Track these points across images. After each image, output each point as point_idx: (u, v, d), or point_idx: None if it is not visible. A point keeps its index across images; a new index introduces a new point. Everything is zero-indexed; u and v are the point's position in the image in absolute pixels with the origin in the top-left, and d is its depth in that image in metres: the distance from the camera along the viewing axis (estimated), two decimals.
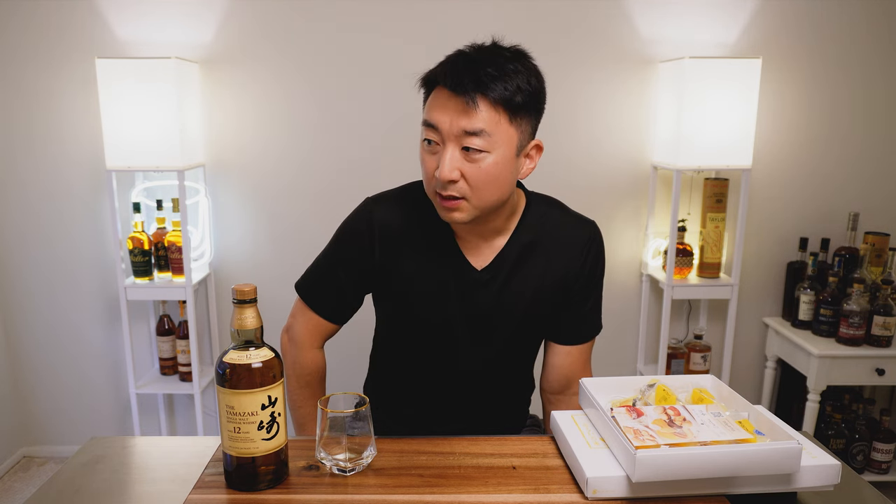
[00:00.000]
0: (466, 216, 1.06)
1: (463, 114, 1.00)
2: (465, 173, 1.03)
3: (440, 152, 1.03)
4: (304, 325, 1.26)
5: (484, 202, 1.05)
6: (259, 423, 0.88)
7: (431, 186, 1.06)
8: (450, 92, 1.01)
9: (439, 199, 1.06)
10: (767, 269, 2.44)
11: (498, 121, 1.01)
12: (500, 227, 1.15)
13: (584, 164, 2.35)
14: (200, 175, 2.32)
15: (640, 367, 2.48)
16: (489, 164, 1.02)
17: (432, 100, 1.04)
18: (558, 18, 2.24)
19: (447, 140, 1.02)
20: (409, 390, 1.28)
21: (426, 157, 1.06)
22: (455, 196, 1.04)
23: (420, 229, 1.16)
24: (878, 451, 2.25)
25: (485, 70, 1.00)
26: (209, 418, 2.42)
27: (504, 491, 0.90)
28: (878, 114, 2.34)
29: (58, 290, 2.41)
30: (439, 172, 1.02)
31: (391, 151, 2.32)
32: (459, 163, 1.02)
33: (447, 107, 1.01)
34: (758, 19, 2.25)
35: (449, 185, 1.03)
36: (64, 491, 0.92)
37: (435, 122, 1.02)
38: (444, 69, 1.03)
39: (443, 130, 1.02)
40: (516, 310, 1.18)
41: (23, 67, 2.24)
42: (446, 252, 1.16)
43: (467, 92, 0.99)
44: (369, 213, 1.18)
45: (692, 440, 0.87)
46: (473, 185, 1.03)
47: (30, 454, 2.56)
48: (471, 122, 1.00)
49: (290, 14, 2.22)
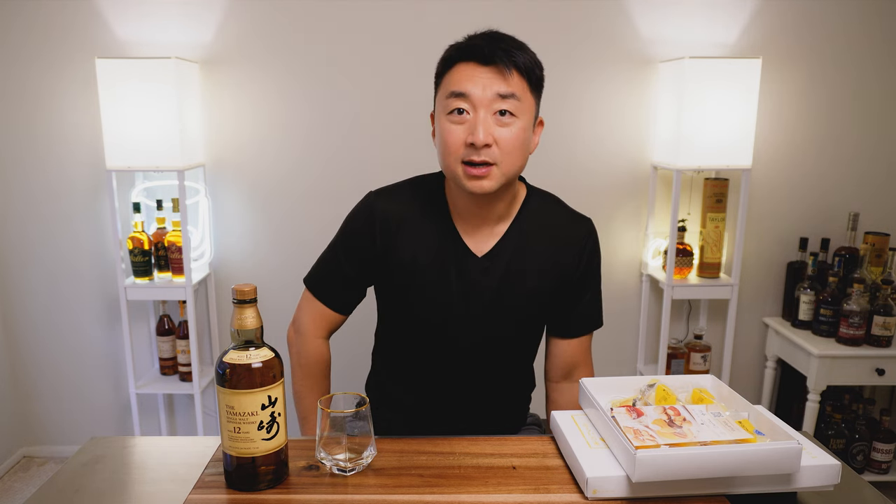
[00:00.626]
0: (495, 184, 1.09)
1: (497, 80, 1.06)
2: (497, 139, 1.07)
3: (470, 121, 1.07)
4: (309, 316, 1.29)
5: (510, 169, 1.10)
6: (259, 423, 0.88)
7: (458, 157, 1.09)
8: (477, 64, 1.07)
9: (469, 169, 1.08)
10: (767, 269, 2.44)
11: (524, 87, 1.09)
12: (502, 212, 1.19)
13: (585, 163, 2.35)
14: (200, 175, 2.32)
15: (640, 367, 2.48)
16: (519, 129, 1.09)
17: (456, 74, 1.09)
18: (558, 18, 2.24)
19: (479, 106, 1.07)
20: (410, 381, 1.29)
21: (452, 129, 1.09)
22: (487, 162, 1.07)
23: (421, 218, 1.20)
24: (878, 451, 2.25)
25: (508, 44, 1.09)
26: (209, 418, 2.42)
27: (504, 491, 0.90)
28: (877, 114, 2.34)
29: (58, 289, 2.41)
30: (474, 137, 1.05)
31: (391, 151, 2.32)
32: (492, 127, 1.07)
33: (478, 76, 1.07)
34: (758, 19, 2.25)
35: (483, 151, 1.07)
36: (64, 491, 0.92)
37: (466, 89, 1.07)
38: (470, 45, 1.09)
39: (475, 97, 1.06)
40: (516, 295, 1.20)
41: (23, 67, 2.24)
42: (447, 239, 1.19)
43: (503, 59, 1.06)
44: (371, 205, 1.22)
45: (692, 440, 0.87)
46: (504, 149, 1.08)
47: (30, 454, 2.56)
48: (506, 86, 1.06)
49: (290, 14, 2.22)
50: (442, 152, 1.12)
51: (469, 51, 1.08)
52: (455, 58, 1.10)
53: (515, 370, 1.31)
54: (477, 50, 1.07)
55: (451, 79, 1.09)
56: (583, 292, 1.26)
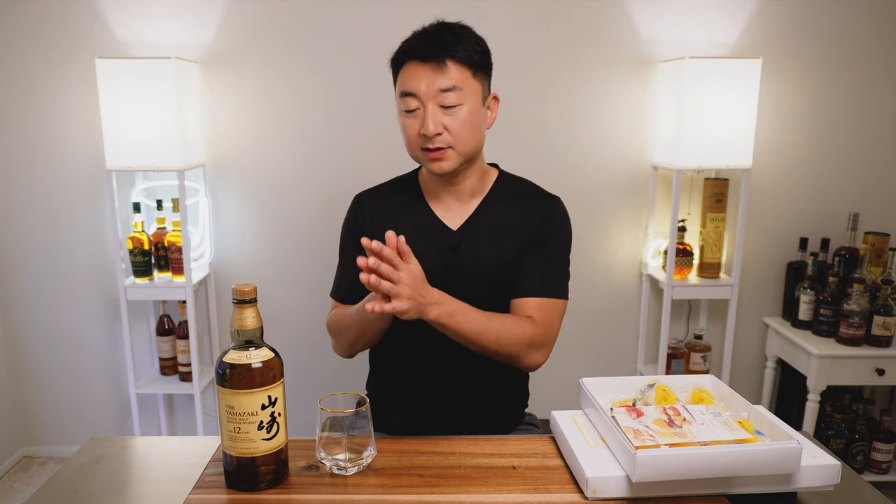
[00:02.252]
0: (453, 163, 1.21)
1: (436, 75, 1.17)
2: (446, 126, 1.18)
3: (420, 114, 1.19)
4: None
5: (465, 149, 1.21)
6: (259, 423, 0.88)
7: (417, 145, 1.21)
8: (419, 62, 1.18)
9: (427, 154, 1.20)
10: (767, 269, 2.44)
11: (465, 76, 1.19)
12: (472, 189, 1.29)
13: (584, 163, 2.35)
14: (200, 175, 2.32)
15: (640, 367, 2.48)
16: (465, 114, 1.19)
17: (404, 74, 1.21)
18: (558, 18, 2.24)
19: (426, 101, 1.18)
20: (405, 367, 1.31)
21: (408, 124, 1.21)
22: (441, 147, 1.19)
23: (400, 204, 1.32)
24: (878, 451, 2.25)
25: (444, 38, 1.19)
26: (209, 418, 2.42)
27: (504, 491, 0.90)
28: (878, 113, 2.33)
29: (58, 289, 2.41)
30: (425, 129, 1.17)
31: (391, 150, 2.31)
32: (440, 118, 1.18)
33: (420, 74, 1.18)
34: (758, 19, 2.25)
35: (436, 139, 1.18)
36: (64, 491, 0.92)
37: (412, 89, 1.18)
38: (411, 45, 1.20)
39: (420, 93, 1.18)
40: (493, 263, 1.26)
41: (23, 67, 2.24)
42: (424, 216, 1.30)
43: (437, 56, 1.17)
44: (357, 199, 1.37)
45: (692, 440, 0.87)
46: (455, 133, 1.19)
47: (30, 454, 2.56)
48: (445, 80, 1.17)
49: (291, 14, 2.22)
50: (406, 144, 1.25)
51: (411, 50, 1.20)
52: (403, 57, 1.22)
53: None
54: (416, 49, 1.19)
55: (402, 78, 1.21)
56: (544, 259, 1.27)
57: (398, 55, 1.23)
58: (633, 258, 2.43)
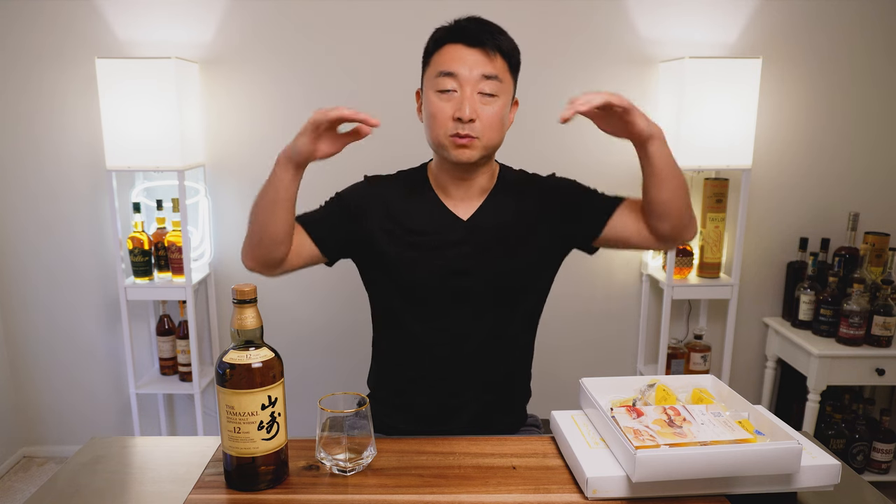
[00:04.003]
0: (477, 154, 1.19)
1: (483, 61, 1.17)
2: (480, 114, 1.17)
3: (457, 98, 1.17)
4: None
5: (490, 142, 1.20)
6: (259, 423, 0.88)
7: (445, 130, 1.18)
8: (465, 45, 1.17)
9: (455, 139, 1.17)
10: (767, 269, 2.44)
11: (505, 70, 1.20)
12: (483, 185, 1.28)
13: (585, 163, 2.34)
14: (200, 175, 2.32)
15: (640, 367, 2.48)
16: (499, 107, 1.19)
17: (445, 54, 1.18)
18: (558, 19, 2.24)
19: (465, 85, 1.16)
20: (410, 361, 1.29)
21: (441, 105, 1.18)
22: (471, 135, 1.17)
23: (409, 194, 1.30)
24: (878, 451, 2.25)
25: (492, 29, 1.20)
26: (209, 418, 2.42)
27: (504, 491, 0.90)
28: (878, 114, 2.33)
29: (58, 290, 2.41)
30: (461, 112, 1.15)
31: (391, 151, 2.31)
32: (477, 105, 1.17)
33: (464, 57, 1.17)
34: (758, 19, 2.25)
35: (468, 125, 1.16)
36: (64, 491, 0.92)
37: (454, 69, 1.16)
38: (456, 28, 1.19)
39: (462, 76, 1.16)
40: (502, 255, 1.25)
41: (23, 67, 2.24)
42: (434, 207, 1.28)
43: (485, 42, 1.16)
44: (366, 179, 1.36)
45: (692, 440, 0.87)
46: (486, 124, 1.18)
47: (30, 454, 2.56)
48: (491, 68, 1.17)
49: (290, 14, 2.22)
50: (430, 125, 1.21)
51: (458, 33, 1.18)
52: (444, 38, 1.19)
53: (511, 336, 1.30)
54: (465, 32, 1.18)
55: (441, 59, 1.19)
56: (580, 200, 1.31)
57: (443, 34, 1.20)
58: (633, 258, 2.43)
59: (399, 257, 1.24)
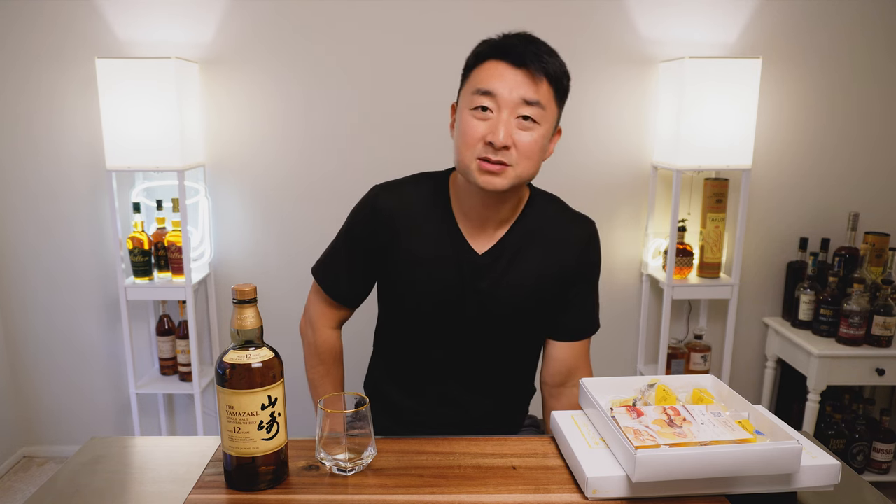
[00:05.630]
0: (507, 183, 1.09)
1: (526, 84, 1.06)
2: (515, 141, 1.07)
3: (492, 119, 1.07)
4: (318, 308, 1.31)
5: (524, 172, 1.10)
6: (259, 423, 0.88)
7: (474, 152, 1.09)
8: (509, 65, 1.07)
9: (483, 164, 1.08)
10: (767, 269, 2.44)
11: (550, 96, 1.10)
12: (506, 215, 1.19)
13: (585, 163, 2.35)
14: (200, 175, 2.32)
15: (640, 367, 2.48)
16: (539, 136, 1.09)
17: (486, 71, 1.08)
18: (558, 18, 2.24)
19: (503, 107, 1.06)
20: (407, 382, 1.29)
21: (474, 123, 1.08)
22: (503, 162, 1.07)
23: (424, 214, 1.20)
24: (878, 451, 2.25)
25: (541, 49, 1.08)
26: (209, 418, 2.42)
27: (504, 491, 0.90)
28: (877, 113, 2.33)
29: (58, 290, 2.41)
30: (494, 137, 1.06)
31: (391, 151, 2.32)
32: (514, 130, 1.07)
33: (507, 77, 1.06)
34: (758, 19, 2.25)
35: (500, 151, 1.07)
36: (64, 491, 0.92)
37: (493, 88, 1.07)
38: (505, 44, 1.09)
39: (501, 97, 1.06)
40: (515, 296, 1.20)
41: (23, 67, 2.24)
42: (449, 235, 1.19)
43: (532, 64, 1.06)
44: (374, 199, 1.22)
45: (692, 440, 0.87)
46: (522, 153, 1.08)
47: (30, 454, 2.56)
48: (534, 93, 1.07)
49: (291, 14, 2.22)
50: (459, 145, 1.11)
51: (503, 49, 1.08)
52: (487, 54, 1.10)
53: (513, 372, 1.30)
54: (511, 49, 1.07)
55: (480, 75, 1.09)
56: (583, 295, 1.25)
57: (486, 48, 1.10)
58: (633, 258, 2.43)
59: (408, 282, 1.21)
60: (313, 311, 1.32)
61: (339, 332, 1.34)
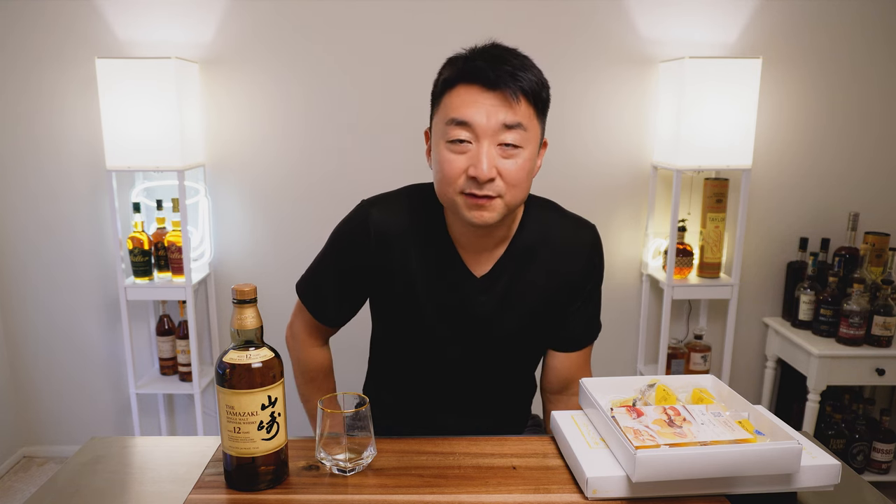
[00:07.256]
0: (497, 215, 1.02)
1: (503, 108, 0.98)
2: (500, 171, 0.99)
3: (472, 152, 0.99)
4: (303, 325, 1.26)
5: (513, 200, 1.02)
6: (259, 423, 0.88)
7: (457, 188, 1.01)
8: (482, 88, 0.98)
9: (469, 199, 1.00)
10: (767, 269, 2.44)
11: (531, 114, 1.01)
12: (502, 235, 1.12)
13: (584, 163, 2.35)
14: (200, 175, 2.32)
15: (640, 367, 2.48)
16: (523, 161, 1.00)
17: (457, 98, 1.00)
18: (558, 18, 2.24)
19: (482, 137, 0.98)
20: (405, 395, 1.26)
21: (452, 158, 1.00)
22: (490, 195, 1.00)
23: (418, 234, 1.13)
24: (878, 451, 2.25)
25: (512, 64, 0.99)
26: (209, 418, 2.42)
27: (504, 491, 0.90)
28: (877, 113, 2.34)
29: (58, 290, 2.41)
30: (477, 171, 0.98)
31: (391, 152, 2.32)
32: (496, 159, 0.99)
33: (480, 102, 0.98)
34: (758, 19, 2.25)
35: (486, 184, 0.99)
36: (64, 491, 0.92)
37: (468, 118, 0.98)
38: (471, 66, 0.99)
39: (478, 126, 0.98)
40: (516, 316, 1.16)
41: (23, 67, 2.24)
42: (445, 259, 1.13)
43: (507, 85, 0.97)
44: (366, 216, 1.13)
45: (692, 440, 0.87)
46: (509, 181, 1.00)
47: (30, 454, 2.56)
48: (513, 116, 0.98)
49: (291, 14, 2.22)
50: (439, 181, 1.03)
51: (472, 73, 0.99)
52: (455, 78, 1.00)
53: (516, 382, 1.29)
54: (481, 73, 0.98)
55: (452, 103, 1.00)
56: (587, 302, 1.21)
57: (453, 73, 1.00)
58: (633, 258, 2.43)
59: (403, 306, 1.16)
60: (299, 328, 1.26)
61: (326, 347, 1.29)
